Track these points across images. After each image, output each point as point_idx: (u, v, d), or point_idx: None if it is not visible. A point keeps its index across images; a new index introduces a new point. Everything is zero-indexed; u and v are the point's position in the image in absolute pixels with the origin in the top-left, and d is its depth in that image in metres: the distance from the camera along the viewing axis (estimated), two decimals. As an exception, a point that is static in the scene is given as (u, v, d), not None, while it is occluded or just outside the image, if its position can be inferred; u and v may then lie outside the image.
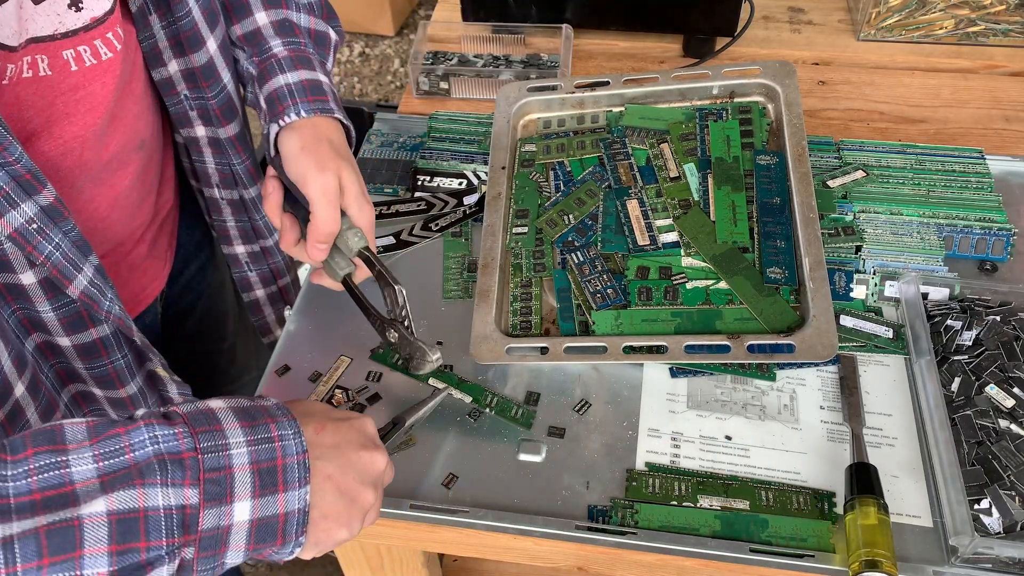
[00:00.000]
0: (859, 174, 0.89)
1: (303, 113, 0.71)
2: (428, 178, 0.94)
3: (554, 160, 0.90)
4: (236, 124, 0.79)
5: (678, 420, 0.72)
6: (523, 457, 0.71)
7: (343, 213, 0.70)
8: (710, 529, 0.65)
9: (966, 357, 0.74)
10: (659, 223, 0.83)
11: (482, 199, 0.89)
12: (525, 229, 0.85)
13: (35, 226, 0.57)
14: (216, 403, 0.52)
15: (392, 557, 0.83)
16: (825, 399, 0.73)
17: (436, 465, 0.70)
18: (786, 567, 0.64)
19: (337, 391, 0.75)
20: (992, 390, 0.71)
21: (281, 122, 0.71)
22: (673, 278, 0.79)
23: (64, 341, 0.67)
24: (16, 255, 0.59)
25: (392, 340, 0.69)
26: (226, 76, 0.76)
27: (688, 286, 0.78)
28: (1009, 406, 0.70)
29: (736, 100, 0.93)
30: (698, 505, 0.67)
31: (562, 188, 0.88)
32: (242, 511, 0.48)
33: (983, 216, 0.84)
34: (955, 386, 0.72)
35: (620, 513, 0.66)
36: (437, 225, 0.89)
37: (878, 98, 1.05)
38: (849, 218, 0.85)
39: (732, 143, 0.88)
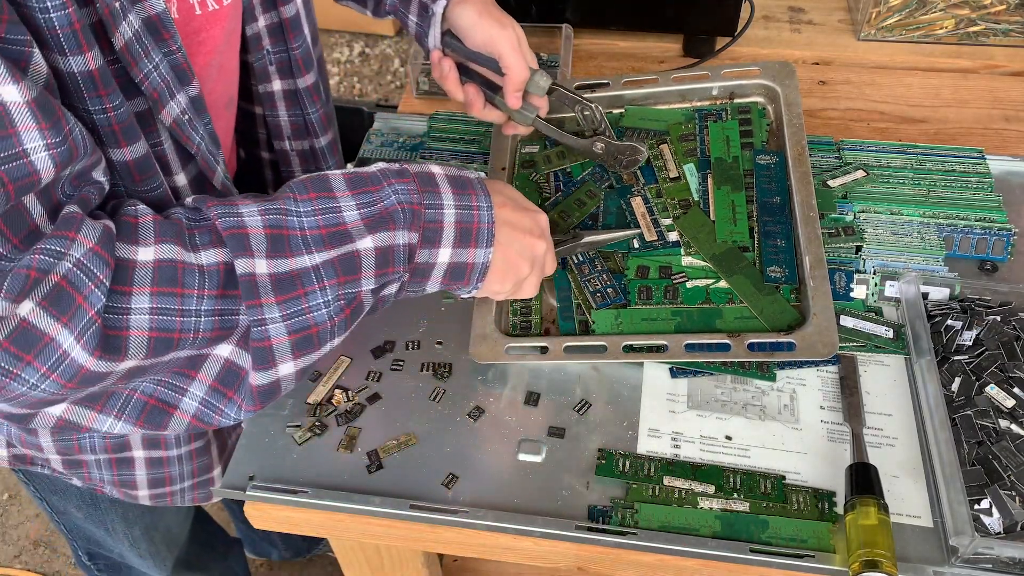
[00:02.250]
0: (859, 174, 0.89)
1: None
2: (428, 178, 0.94)
3: (555, 168, 0.90)
4: (313, 74, 0.84)
5: (678, 420, 0.72)
6: (523, 457, 0.71)
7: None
8: (710, 529, 0.65)
9: (966, 357, 0.74)
10: (662, 222, 0.83)
11: (482, 199, 0.89)
12: (525, 229, 0.85)
13: (187, 116, 0.63)
14: (436, 168, 0.65)
15: (392, 557, 0.84)
16: (825, 399, 0.73)
17: (436, 465, 0.70)
18: (786, 567, 0.64)
19: (337, 391, 0.75)
20: (992, 390, 0.71)
21: None
22: (673, 277, 0.79)
23: None
24: (172, 155, 0.64)
25: (599, 151, 0.84)
26: (307, 28, 0.82)
27: (688, 285, 0.78)
28: (1009, 406, 0.70)
29: (736, 101, 0.93)
30: (698, 506, 0.67)
31: (562, 189, 0.88)
32: (444, 255, 0.64)
33: (983, 216, 0.84)
34: (955, 386, 0.72)
35: (620, 513, 0.66)
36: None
37: (878, 98, 1.05)
38: (849, 218, 0.85)
39: (732, 143, 0.88)
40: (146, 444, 0.82)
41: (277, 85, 0.82)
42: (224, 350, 0.59)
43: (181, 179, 0.66)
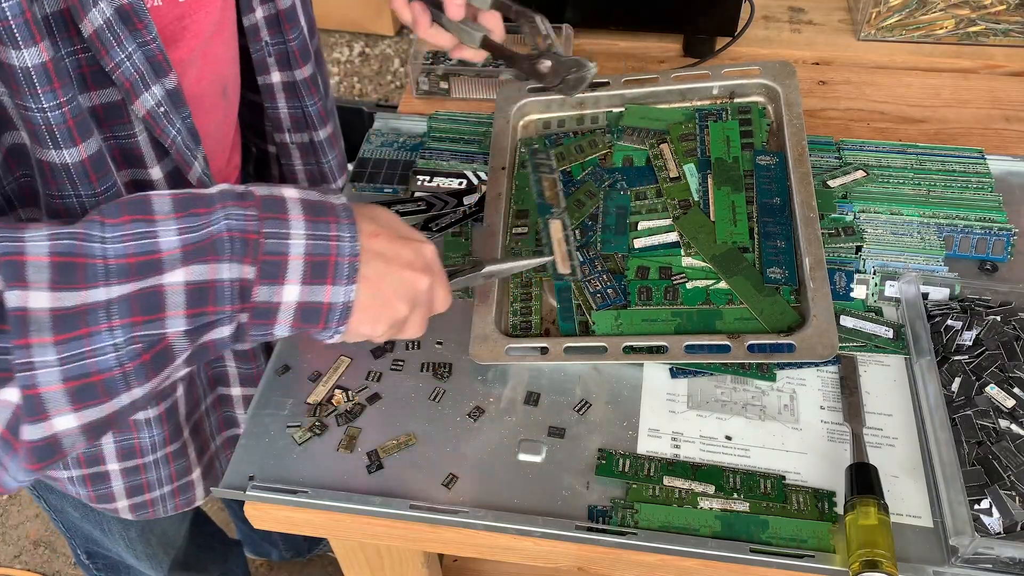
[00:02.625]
0: (859, 174, 0.89)
1: None
2: (428, 178, 0.94)
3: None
4: (310, 66, 0.83)
5: (678, 420, 0.72)
6: (523, 457, 0.71)
7: None
8: (710, 530, 0.65)
9: (966, 357, 0.74)
10: (656, 223, 0.83)
11: (482, 199, 0.89)
12: (525, 229, 0.85)
13: (163, 109, 0.61)
14: (289, 192, 0.57)
15: (392, 557, 0.84)
16: (825, 399, 0.73)
17: (436, 465, 0.70)
18: (786, 567, 0.64)
19: (337, 391, 0.75)
20: (992, 390, 0.71)
21: None
22: (673, 278, 0.79)
23: None
24: (146, 148, 0.63)
25: (544, 71, 0.75)
26: (303, 19, 0.81)
27: (688, 286, 0.78)
28: (1009, 406, 0.70)
29: (736, 100, 0.93)
30: (698, 506, 0.67)
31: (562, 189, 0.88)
32: (291, 293, 0.55)
33: (983, 216, 0.84)
34: (955, 386, 0.72)
35: (620, 513, 0.66)
36: (437, 225, 0.89)
37: (878, 98, 1.05)
38: (849, 218, 0.85)
39: (732, 143, 0.88)
40: (120, 456, 0.81)
41: (276, 77, 0.82)
42: (12, 394, 0.50)
43: (156, 172, 0.65)
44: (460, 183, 0.94)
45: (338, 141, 0.94)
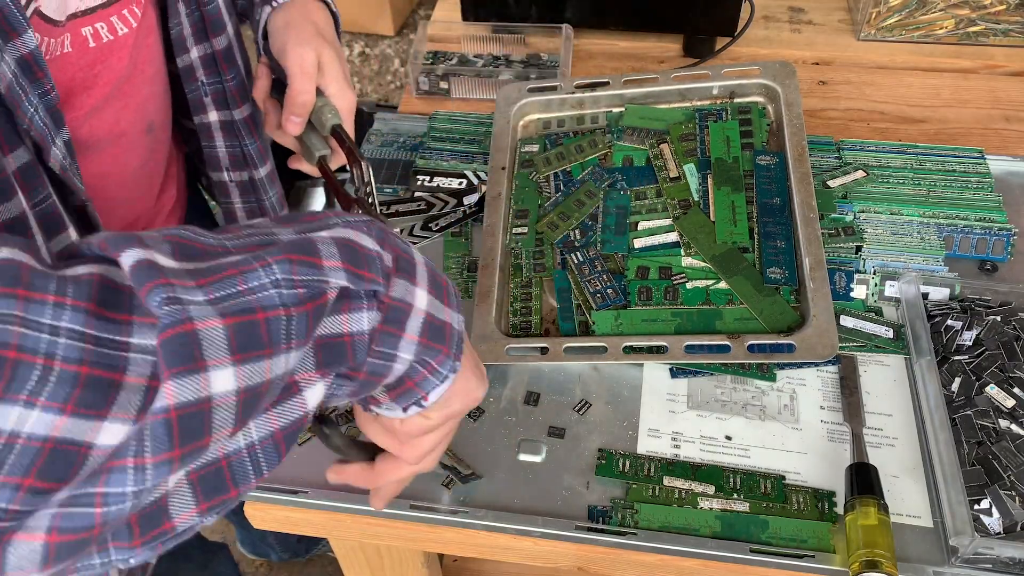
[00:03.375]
0: (859, 174, 0.89)
1: None
2: (428, 178, 0.94)
3: (555, 169, 0.90)
4: (248, 106, 0.83)
5: (678, 420, 0.72)
6: (523, 457, 0.71)
7: (321, 93, 0.72)
8: (710, 530, 0.65)
9: (966, 357, 0.73)
10: (656, 223, 0.83)
11: (482, 199, 0.89)
12: (525, 229, 0.85)
13: (68, 161, 0.58)
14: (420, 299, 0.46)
15: (392, 557, 0.83)
16: (825, 399, 0.73)
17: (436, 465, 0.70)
18: (786, 567, 0.64)
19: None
20: (992, 390, 0.71)
21: (274, 3, 0.74)
22: (673, 278, 0.79)
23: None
24: (60, 209, 0.58)
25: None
26: (240, 59, 0.80)
27: (688, 286, 0.78)
28: (1009, 406, 0.70)
29: (736, 100, 0.93)
30: (698, 506, 0.67)
31: (561, 188, 0.88)
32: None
33: (983, 216, 0.84)
34: (955, 386, 0.72)
35: (620, 513, 0.66)
36: (437, 225, 0.89)
37: (878, 98, 1.05)
38: (849, 218, 0.85)
39: (732, 143, 0.88)
40: None
41: (213, 116, 0.81)
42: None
43: (73, 234, 0.60)
44: (460, 183, 0.94)
45: (275, 177, 0.93)
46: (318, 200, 1.86)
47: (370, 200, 0.70)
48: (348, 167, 0.70)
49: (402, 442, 0.52)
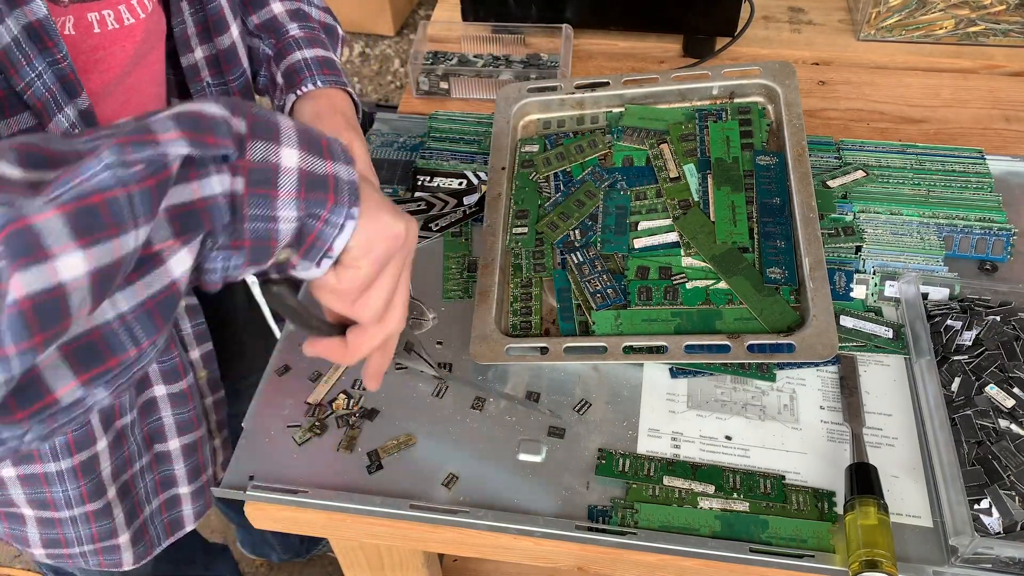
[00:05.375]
0: (859, 174, 0.89)
1: (319, 83, 0.76)
2: (428, 178, 0.94)
3: (555, 169, 0.90)
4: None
5: (678, 420, 0.72)
6: (523, 457, 0.71)
7: None
8: (710, 529, 0.65)
9: (966, 357, 0.74)
10: (656, 223, 0.83)
11: (482, 199, 0.89)
12: (525, 229, 0.85)
13: (77, 131, 0.59)
14: (284, 120, 0.48)
15: (392, 557, 0.84)
16: (825, 399, 0.73)
17: (436, 465, 0.70)
18: (786, 567, 0.64)
19: (341, 395, 0.75)
20: (992, 390, 0.71)
21: (299, 91, 0.75)
22: (673, 278, 0.79)
23: None
24: None
25: None
26: (244, 62, 0.80)
27: (688, 286, 0.78)
28: (1009, 406, 0.70)
29: (736, 100, 0.93)
30: (698, 506, 0.67)
31: (561, 189, 0.88)
32: (289, 155, 0.46)
33: (983, 216, 0.84)
34: (955, 386, 0.72)
35: (620, 513, 0.66)
36: (437, 225, 0.89)
37: (878, 98, 1.05)
38: (849, 218, 0.85)
39: (732, 144, 0.88)
40: (33, 505, 0.77)
41: None
42: None
43: None
44: (460, 183, 0.94)
45: None
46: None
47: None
48: None
49: (352, 301, 0.53)
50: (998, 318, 0.75)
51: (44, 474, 0.75)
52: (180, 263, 0.43)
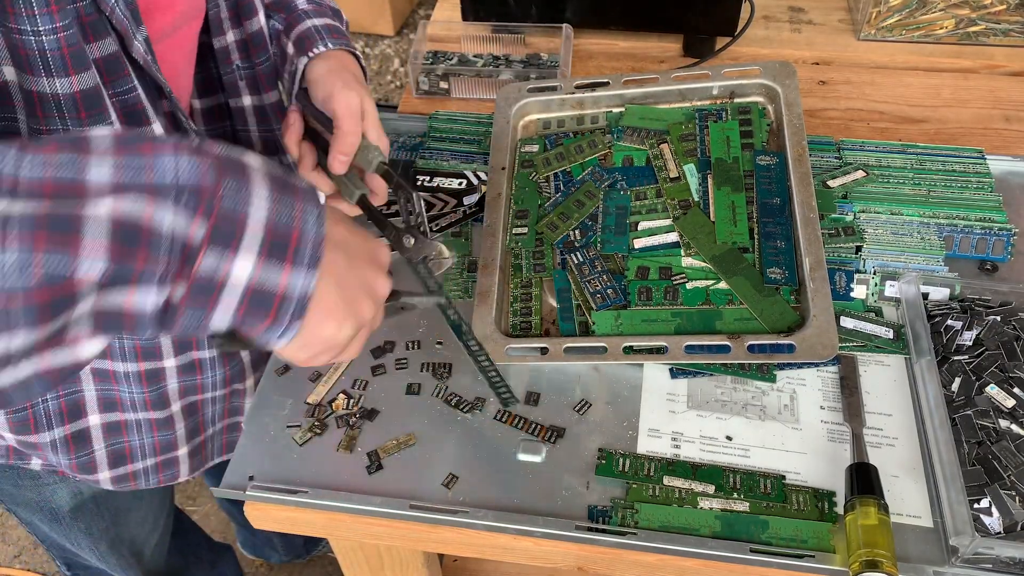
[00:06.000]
0: (859, 174, 0.89)
1: (330, 46, 0.79)
2: (428, 178, 0.94)
3: (555, 169, 0.90)
4: (277, 92, 0.84)
5: (678, 420, 0.72)
6: (523, 457, 0.71)
7: (363, 136, 0.75)
8: (710, 529, 0.65)
9: (966, 357, 0.74)
10: (656, 223, 0.83)
11: (482, 199, 0.89)
12: (525, 229, 0.85)
13: (149, 57, 0.62)
14: (252, 159, 0.47)
15: (392, 557, 0.84)
16: (825, 399, 0.73)
17: (436, 465, 0.70)
18: (786, 567, 0.64)
19: (341, 395, 0.75)
20: (992, 390, 0.71)
21: (311, 53, 0.77)
22: (673, 278, 0.79)
23: None
24: (145, 103, 0.63)
25: (408, 246, 0.72)
26: (269, 47, 0.82)
27: (688, 286, 0.78)
28: (1009, 406, 0.70)
29: (736, 100, 0.93)
30: (698, 506, 0.67)
31: (561, 189, 0.88)
32: (243, 267, 0.44)
33: (983, 216, 0.84)
34: (955, 386, 0.72)
35: (620, 513, 0.66)
36: (437, 225, 0.89)
37: (878, 98, 1.05)
38: (849, 218, 0.85)
39: (732, 144, 0.88)
40: (102, 405, 0.80)
41: (247, 100, 0.82)
42: None
43: (158, 127, 0.65)
44: (460, 183, 0.94)
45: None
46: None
47: (421, 228, 0.72)
48: (399, 200, 0.72)
49: (301, 362, 0.53)
50: (998, 318, 0.75)
51: (113, 372, 0.78)
52: (91, 348, 0.44)
